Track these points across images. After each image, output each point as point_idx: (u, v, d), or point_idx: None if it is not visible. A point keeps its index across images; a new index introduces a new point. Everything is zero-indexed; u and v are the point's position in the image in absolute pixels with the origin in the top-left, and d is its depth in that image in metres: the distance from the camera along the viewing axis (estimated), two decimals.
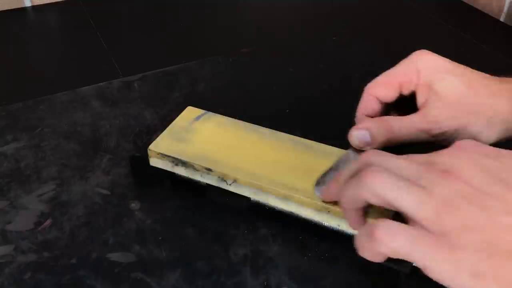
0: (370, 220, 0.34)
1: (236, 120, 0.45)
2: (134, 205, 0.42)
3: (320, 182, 0.38)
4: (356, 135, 0.39)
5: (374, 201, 0.29)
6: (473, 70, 0.40)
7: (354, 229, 0.34)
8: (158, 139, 0.42)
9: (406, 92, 0.40)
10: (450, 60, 0.40)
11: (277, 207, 0.39)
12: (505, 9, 0.71)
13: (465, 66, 0.40)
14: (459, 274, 0.26)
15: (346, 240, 0.38)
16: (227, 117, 0.45)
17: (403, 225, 0.27)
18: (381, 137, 0.38)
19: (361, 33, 0.68)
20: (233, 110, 0.47)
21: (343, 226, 0.38)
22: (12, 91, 0.56)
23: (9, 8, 0.72)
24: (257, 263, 0.37)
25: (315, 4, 0.77)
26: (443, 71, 0.39)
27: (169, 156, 0.41)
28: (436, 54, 0.40)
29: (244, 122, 0.45)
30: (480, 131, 0.37)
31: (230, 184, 0.40)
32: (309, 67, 0.60)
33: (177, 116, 0.45)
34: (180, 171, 0.41)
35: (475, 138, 0.37)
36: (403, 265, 0.36)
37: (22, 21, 0.71)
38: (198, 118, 0.45)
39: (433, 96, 0.38)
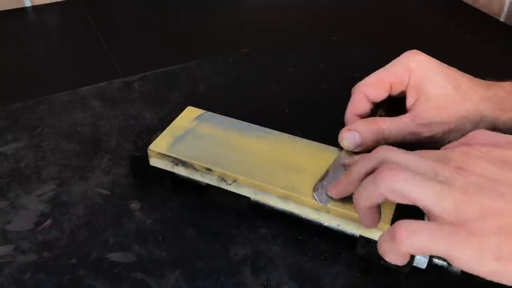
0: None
1: (236, 120, 0.45)
2: (134, 205, 0.42)
3: (318, 187, 0.38)
4: (346, 137, 0.39)
5: (392, 197, 0.30)
6: (463, 73, 0.40)
7: (368, 227, 0.34)
8: (158, 139, 0.42)
9: (396, 92, 0.40)
10: (440, 62, 0.40)
11: (277, 207, 0.39)
12: (505, 9, 0.71)
13: (455, 69, 0.40)
14: (484, 259, 0.26)
15: (346, 240, 0.38)
16: (227, 117, 0.45)
17: (422, 222, 0.28)
18: (371, 139, 0.38)
19: (361, 33, 0.68)
20: (233, 110, 0.47)
21: (343, 226, 0.38)
22: (12, 91, 0.56)
23: (9, 8, 0.72)
24: (257, 263, 0.37)
25: (315, 4, 0.77)
26: (433, 73, 0.39)
27: (169, 156, 0.41)
28: (427, 55, 0.40)
29: (244, 122, 0.45)
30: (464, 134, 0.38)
31: (230, 184, 0.40)
32: (309, 67, 0.60)
33: (177, 116, 0.45)
34: (180, 171, 0.41)
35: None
36: (403, 265, 0.36)
37: (22, 21, 0.71)
38: (198, 118, 0.45)
39: (423, 98, 0.38)
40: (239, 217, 0.41)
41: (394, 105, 0.41)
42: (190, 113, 0.45)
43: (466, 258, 0.27)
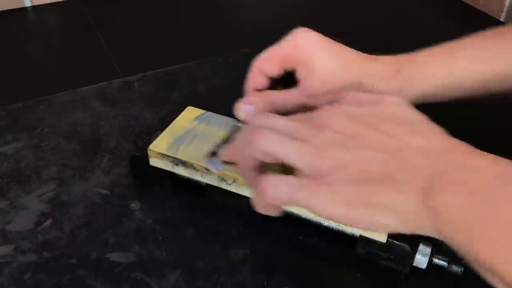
0: None
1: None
2: (134, 205, 0.42)
3: (212, 154, 0.40)
4: (242, 108, 0.41)
5: (261, 157, 0.33)
6: (351, 49, 0.42)
7: (252, 185, 0.36)
8: (158, 139, 0.42)
9: (289, 67, 0.42)
10: (329, 38, 0.42)
11: None
12: (505, 8, 0.71)
13: (344, 45, 0.42)
14: (336, 206, 0.30)
15: (346, 240, 0.38)
16: (227, 117, 0.45)
17: (285, 176, 0.32)
18: (263, 110, 0.40)
19: (361, 33, 0.68)
20: (233, 110, 0.47)
21: (343, 226, 0.38)
22: (12, 91, 0.56)
23: (9, 8, 0.72)
24: (257, 263, 0.37)
25: (315, 4, 0.77)
26: (320, 47, 0.41)
27: (169, 156, 0.41)
28: (316, 32, 0.42)
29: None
30: None
31: (230, 184, 0.40)
32: None
33: (177, 116, 0.45)
34: (180, 171, 0.41)
35: None
36: (403, 265, 0.36)
37: (22, 21, 0.71)
38: (198, 118, 0.45)
39: (309, 71, 0.40)
40: (239, 217, 0.41)
41: (291, 80, 0.42)
42: (190, 113, 0.45)
43: (319, 206, 0.30)
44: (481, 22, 0.72)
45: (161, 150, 0.41)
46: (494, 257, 0.25)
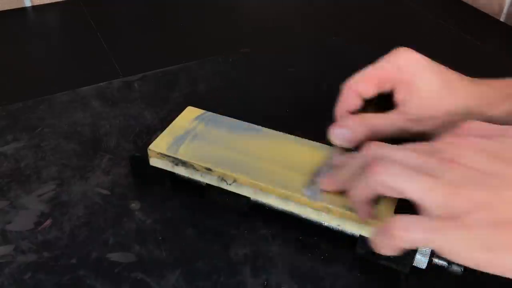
0: (378, 210, 0.35)
1: (236, 120, 0.45)
2: (134, 205, 0.42)
3: (311, 183, 0.38)
4: (337, 133, 0.40)
5: (384, 192, 0.30)
6: (451, 70, 0.40)
7: (363, 219, 0.34)
8: (158, 139, 0.42)
9: (385, 88, 0.41)
10: (429, 59, 0.40)
11: (277, 207, 0.39)
12: (505, 9, 0.71)
13: (444, 66, 0.40)
14: (473, 251, 0.27)
15: (346, 240, 0.38)
16: (227, 117, 0.45)
17: (416, 216, 0.29)
18: (361, 135, 0.39)
19: (361, 33, 0.68)
20: (233, 110, 0.47)
21: (343, 226, 0.38)
22: (12, 91, 0.56)
23: (9, 8, 0.72)
24: (257, 263, 0.37)
25: (315, 4, 0.77)
26: (422, 69, 0.39)
27: (169, 156, 0.41)
28: (417, 52, 0.40)
29: (244, 122, 0.45)
30: None
31: (230, 184, 0.40)
32: (309, 67, 0.60)
33: (177, 116, 0.45)
34: (180, 171, 0.41)
35: None
36: (403, 265, 0.36)
37: (22, 21, 0.71)
38: (198, 118, 0.45)
39: (412, 94, 0.39)
40: (239, 217, 0.41)
41: (383, 101, 0.41)
42: (190, 113, 0.45)
43: (456, 251, 0.27)
44: (481, 22, 0.73)
45: (161, 150, 0.41)
46: None
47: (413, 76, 0.39)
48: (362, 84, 0.41)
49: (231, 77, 0.58)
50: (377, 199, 0.34)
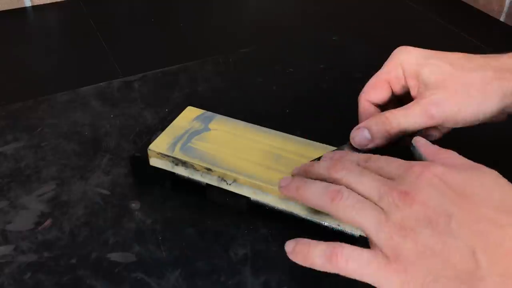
0: None
1: (236, 120, 0.45)
2: (134, 205, 0.42)
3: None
4: (356, 134, 0.39)
5: (336, 217, 0.31)
6: (454, 52, 0.40)
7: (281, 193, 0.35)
8: (158, 139, 0.42)
9: (397, 88, 0.41)
10: (429, 50, 0.40)
11: (277, 207, 0.39)
12: (505, 9, 0.71)
13: (446, 52, 0.40)
14: None
15: (346, 240, 0.38)
16: (227, 117, 0.45)
17: (358, 249, 0.29)
18: (380, 132, 0.38)
19: (361, 33, 0.68)
20: (233, 110, 0.47)
21: (343, 226, 0.38)
22: (12, 91, 0.56)
23: (9, 8, 0.72)
24: (257, 263, 0.37)
25: (315, 4, 0.77)
26: (424, 59, 0.39)
27: (169, 156, 0.41)
28: (415, 47, 0.40)
29: (244, 122, 0.45)
30: (477, 103, 0.37)
31: (230, 184, 0.40)
32: (309, 67, 0.60)
33: (177, 116, 0.45)
34: (180, 171, 0.41)
35: (473, 113, 0.37)
36: None
37: (22, 21, 0.71)
38: (198, 118, 0.45)
39: (422, 84, 0.38)
40: (239, 217, 0.41)
41: (404, 102, 0.41)
42: (190, 113, 0.45)
43: None
44: (481, 22, 0.73)
45: (161, 150, 0.41)
46: None
47: (419, 67, 0.39)
48: (373, 93, 0.41)
49: (231, 77, 0.58)
50: None
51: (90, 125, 0.50)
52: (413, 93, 0.39)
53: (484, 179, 0.29)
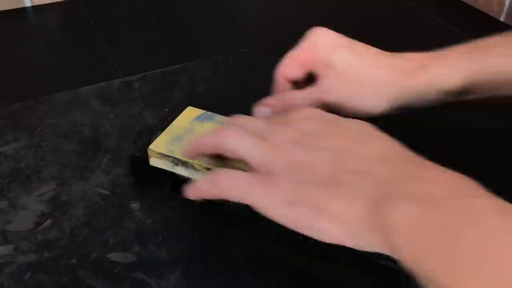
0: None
1: None
2: (134, 205, 0.42)
3: None
4: (258, 111, 0.42)
5: (222, 151, 0.34)
6: (372, 47, 0.42)
7: (188, 156, 0.39)
8: (158, 139, 0.42)
9: (309, 68, 0.42)
10: (347, 37, 0.42)
11: None
12: (505, 9, 0.71)
13: (364, 44, 0.42)
14: (277, 204, 0.30)
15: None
16: (227, 117, 0.45)
17: (241, 173, 0.32)
18: (280, 111, 0.40)
19: (361, 34, 0.68)
20: (233, 110, 0.47)
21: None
22: (12, 91, 0.56)
23: (9, 8, 0.72)
24: (257, 263, 0.37)
25: (315, 4, 0.77)
26: (337, 45, 0.41)
27: (169, 156, 0.41)
28: (332, 31, 0.42)
29: None
30: (368, 99, 0.40)
31: None
32: None
33: (177, 116, 0.45)
34: (180, 171, 0.41)
35: (363, 107, 0.40)
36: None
37: (22, 21, 0.71)
38: (198, 118, 0.45)
39: (328, 69, 0.40)
40: (239, 217, 0.41)
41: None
42: (190, 113, 0.45)
43: (264, 204, 0.31)
44: (481, 22, 0.72)
45: (161, 150, 0.41)
46: (445, 274, 0.24)
47: (328, 53, 0.40)
48: (288, 69, 0.43)
49: (231, 77, 0.58)
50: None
51: (90, 125, 0.50)
52: (318, 75, 0.41)
53: (353, 122, 0.33)
